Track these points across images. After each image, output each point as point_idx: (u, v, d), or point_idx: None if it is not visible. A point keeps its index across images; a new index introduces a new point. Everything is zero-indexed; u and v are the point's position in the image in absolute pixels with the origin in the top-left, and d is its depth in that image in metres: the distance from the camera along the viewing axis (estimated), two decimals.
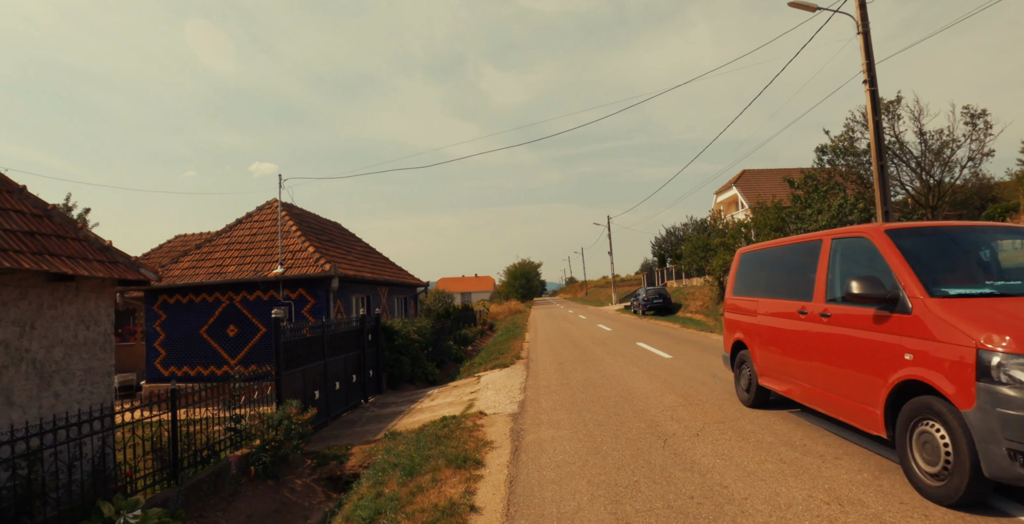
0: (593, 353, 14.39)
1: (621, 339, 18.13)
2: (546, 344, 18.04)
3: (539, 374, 11.52)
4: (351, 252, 18.94)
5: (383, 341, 13.87)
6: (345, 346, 11.77)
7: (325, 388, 10.63)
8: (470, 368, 15.18)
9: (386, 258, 22.87)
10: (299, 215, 18.05)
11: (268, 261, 14.88)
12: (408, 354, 14.86)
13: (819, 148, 18.18)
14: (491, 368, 13.70)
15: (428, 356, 17.08)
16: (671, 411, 7.12)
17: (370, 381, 13.04)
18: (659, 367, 11.15)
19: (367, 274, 16.82)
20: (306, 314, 14.34)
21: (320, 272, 13.87)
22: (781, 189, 45.03)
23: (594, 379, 10.17)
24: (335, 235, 19.82)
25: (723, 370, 10.26)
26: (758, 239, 19.52)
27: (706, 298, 30.15)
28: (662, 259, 49.58)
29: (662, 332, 20.33)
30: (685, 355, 12.89)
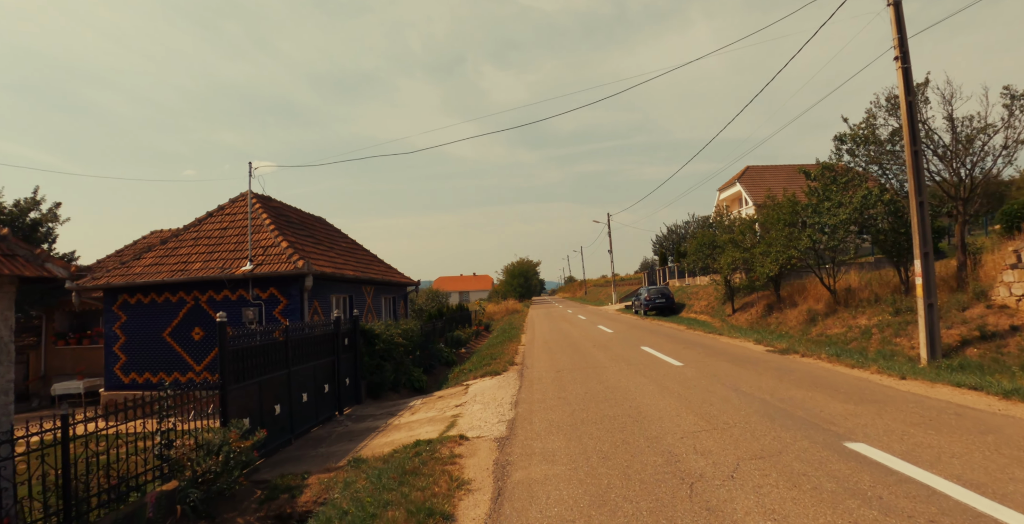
0: (594, 359, 13.06)
1: (624, 342, 16.81)
2: (543, 348, 16.72)
3: (534, 384, 10.19)
4: (333, 248, 17.60)
5: (362, 346, 12.54)
6: (316, 352, 10.44)
7: (289, 401, 9.30)
8: (459, 375, 13.87)
9: (373, 255, 21.54)
10: (277, 208, 16.70)
11: (238, 257, 13.54)
12: (391, 359, 13.54)
13: (837, 136, 16.81)
14: (481, 376, 12.38)
15: (415, 361, 15.77)
16: (693, 439, 5.79)
17: (346, 391, 11.72)
18: (670, 377, 9.81)
19: (349, 272, 15.49)
20: (278, 316, 13.00)
21: (292, 269, 12.53)
22: (786, 185, 43.77)
23: (597, 392, 8.84)
24: (317, 230, 18.48)
25: (745, 382, 8.93)
26: (770, 235, 18.20)
27: (711, 298, 28.85)
28: (663, 258, 48.28)
29: (667, 334, 19.01)
30: (697, 362, 11.56)
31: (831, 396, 7.60)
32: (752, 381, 9.02)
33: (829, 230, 16.13)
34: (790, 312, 19.35)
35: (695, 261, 24.57)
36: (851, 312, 16.10)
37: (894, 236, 15.23)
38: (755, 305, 22.69)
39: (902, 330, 13.20)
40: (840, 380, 8.99)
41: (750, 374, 9.77)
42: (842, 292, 17.77)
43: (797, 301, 19.78)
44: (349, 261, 17.55)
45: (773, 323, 19.57)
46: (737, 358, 12.05)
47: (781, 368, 10.39)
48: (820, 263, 17.58)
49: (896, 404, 6.97)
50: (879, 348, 12.85)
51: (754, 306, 22.72)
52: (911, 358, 11.45)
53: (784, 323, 18.86)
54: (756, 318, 21.28)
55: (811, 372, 9.90)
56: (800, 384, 8.62)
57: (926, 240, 11.41)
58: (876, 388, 8.19)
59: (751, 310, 22.60)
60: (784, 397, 7.62)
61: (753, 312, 22.15)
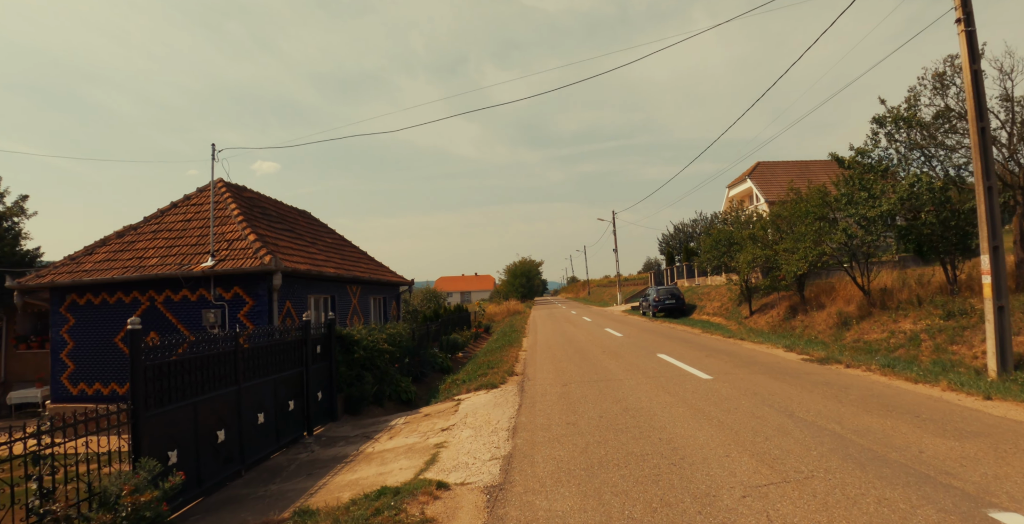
0: (605, 369, 11.39)
1: (637, 348, 15.13)
2: (546, 354, 15.05)
3: (536, 402, 8.52)
4: (316, 244, 15.95)
5: (338, 354, 10.89)
6: (278, 363, 8.79)
7: (239, 424, 7.65)
8: (451, 387, 12.20)
9: (363, 253, 19.89)
10: (251, 199, 15.06)
11: (200, 252, 11.90)
12: (374, 369, 11.88)
13: (875, 119, 15.10)
14: (476, 389, 10.72)
15: (404, 369, 14.11)
16: (761, 499, 4.11)
17: (318, 406, 10.07)
18: (700, 394, 8.13)
19: (329, 269, 13.83)
20: (243, 319, 11.35)
21: (258, 266, 10.88)
22: (799, 182, 42.08)
23: (614, 415, 7.16)
24: (299, 225, 16.84)
25: (796, 403, 7.25)
26: (797, 229, 16.50)
27: (724, 298, 27.13)
28: (671, 257, 46.57)
29: (682, 339, 17.32)
30: (727, 374, 9.88)
31: (917, 426, 5.92)
32: (805, 402, 7.34)
33: (866, 223, 14.43)
34: (817, 315, 17.65)
35: (710, 259, 22.87)
36: (890, 315, 14.40)
37: (941, 229, 13.53)
38: (776, 307, 20.98)
39: (958, 336, 11.50)
40: (911, 401, 7.30)
41: (797, 391, 8.09)
42: (876, 293, 16.07)
43: (824, 302, 18.07)
44: (333, 258, 15.90)
45: (798, 327, 17.87)
46: (772, 369, 10.37)
47: (831, 383, 8.70)
48: (852, 261, 15.90)
49: (1012, 440, 5.29)
50: (934, 357, 11.15)
51: (774, 308, 21.01)
52: (976, 370, 9.75)
53: (811, 327, 17.15)
54: (777, 321, 19.58)
55: (870, 389, 8.21)
56: (866, 407, 6.94)
57: (995, 232, 9.70)
58: (964, 413, 6.51)
59: (771, 312, 20.89)
60: (858, 427, 5.94)
61: (774, 314, 20.44)
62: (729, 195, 46.82)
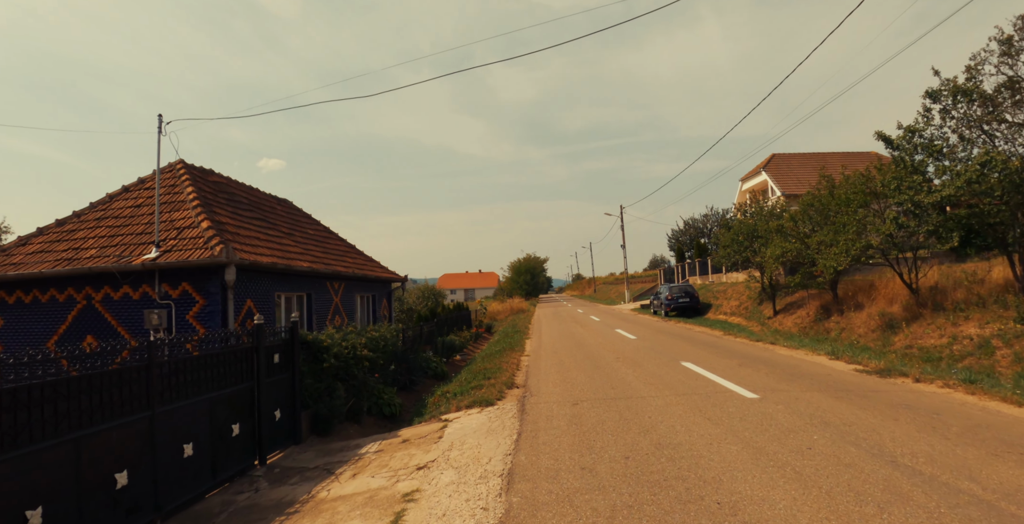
0: (623, 381, 9.57)
1: (655, 353, 13.28)
2: (552, 360, 13.23)
3: (540, 430, 6.71)
4: (293, 236, 14.17)
5: (302, 363, 9.10)
6: (215, 378, 7.01)
7: (153, 461, 5.87)
8: (440, 401, 10.39)
9: (350, 246, 18.11)
10: (217, 184, 13.27)
11: (146, 242, 10.13)
12: (350, 379, 10.11)
13: (928, 92, 13.21)
14: (468, 406, 8.91)
15: (390, 376, 12.33)
16: None
17: (276, 428, 8.29)
18: (752, 423, 6.30)
19: (302, 263, 12.03)
20: (192, 321, 9.57)
21: (207, 257, 9.09)
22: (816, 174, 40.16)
23: (644, 456, 5.34)
24: (276, 214, 15.07)
25: (888, 439, 5.39)
26: (838, 219, 14.59)
27: (742, 297, 25.23)
28: (680, 253, 44.64)
29: (705, 342, 15.47)
30: (774, 391, 8.04)
31: None
32: (898, 437, 5.50)
33: (919, 211, 12.54)
34: (854, 315, 15.76)
35: (729, 255, 20.96)
36: (947, 317, 12.52)
37: (1010, 217, 11.64)
38: (804, 306, 19.08)
39: None
40: None
41: (877, 419, 6.24)
42: (925, 291, 14.18)
43: (862, 302, 16.18)
44: (312, 251, 14.12)
45: (833, 329, 15.99)
46: (827, 384, 8.52)
47: (913, 407, 6.85)
48: (899, 254, 14.02)
49: None
50: (1016, 369, 9.30)
51: (802, 307, 19.12)
52: None
53: (849, 329, 15.27)
54: (807, 322, 17.69)
55: (967, 415, 6.36)
56: (986, 446, 5.10)
57: None
58: None
59: (799, 312, 19.00)
60: (1003, 486, 4.11)
61: (802, 315, 18.55)
62: (743, 188, 44.85)
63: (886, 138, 13.62)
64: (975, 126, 12.92)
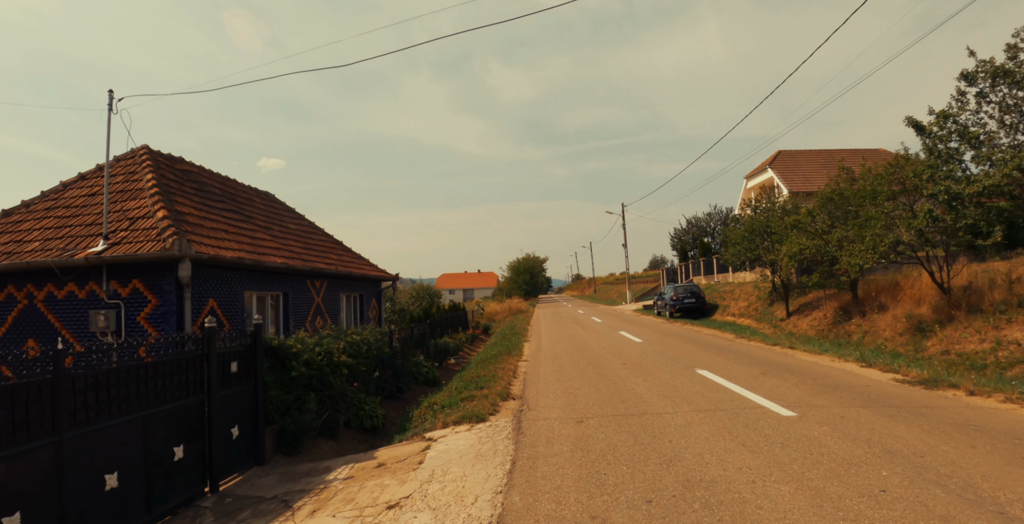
0: (633, 392, 8.43)
1: (665, 358, 12.14)
2: (552, 366, 12.09)
3: (538, 459, 5.56)
4: (269, 229, 13.02)
5: (267, 372, 7.96)
6: (151, 393, 5.87)
7: (60, 497, 4.74)
8: (427, 413, 9.23)
9: (337, 242, 16.96)
10: (184, 172, 12.11)
11: (96, 234, 8.98)
12: (324, 389, 8.97)
13: (964, 74, 12.09)
14: (456, 421, 7.76)
15: (374, 384, 11.20)
16: None
17: (233, 448, 7.16)
18: (799, 452, 5.15)
19: (275, 259, 10.88)
20: (144, 323, 8.43)
21: (157, 251, 7.94)
22: (824, 171, 39.08)
23: (671, 499, 4.20)
24: (252, 206, 13.92)
25: (979, 477, 4.24)
26: (863, 213, 13.45)
27: (751, 297, 24.11)
28: (683, 252, 43.50)
29: (716, 346, 14.34)
30: (813, 407, 6.89)
31: None
32: (992, 474, 4.36)
33: (956, 204, 11.42)
34: (878, 318, 14.62)
35: (740, 253, 19.81)
36: (987, 320, 11.39)
37: None
38: (819, 307, 17.95)
39: None
40: None
41: (951, 447, 5.11)
42: (958, 292, 13.05)
43: (885, 302, 15.04)
44: (292, 247, 12.98)
45: (855, 332, 14.86)
46: (870, 399, 7.38)
47: (987, 429, 5.71)
48: (930, 251, 12.90)
49: None
50: None
51: (818, 308, 17.99)
52: None
53: (873, 333, 14.14)
54: (825, 325, 16.55)
55: None
56: None
57: None
58: None
59: (814, 314, 17.87)
60: None
61: (818, 316, 17.42)
62: (747, 186, 43.74)
63: (917, 124, 12.49)
64: (1016, 110, 11.78)
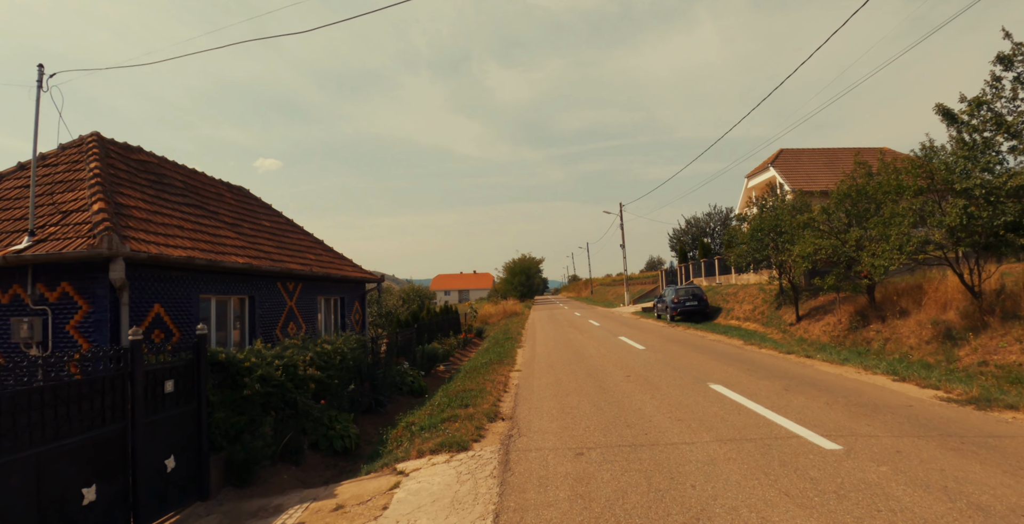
0: (643, 415, 7.28)
1: (673, 369, 11.01)
2: (548, 379, 10.95)
3: (529, 510, 4.41)
4: (238, 227, 11.85)
5: (213, 390, 6.79)
6: (47, 424, 4.71)
7: None
8: (404, 436, 8.05)
9: (317, 241, 15.79)
10: (141, 162, 10.92)
11: (24, 229, 7.80)
12: (284, 408, 7.81)
13: (1000, 57, 11.03)
14: (434, 450, 6.60)
15: (350, 398, 10.06)
16: None
17: (166, 483, 5.99)
18: (862, 507, 4.01)
19: (236, 258, 9.70)
20: (73, 332, 7.25)
21: (84, 249, 6.77)
22: (827, 170, 38.03)
23: None
24: (224, 201, 12.74)
25: None
26: (885, 210, 12.36)
27: (756, 300, 23.03)
28: (683, 253, 42.43)
29: (726, 354, 13.22)
30: (858, 436, 5.76)
31: None
32: None
33: (995, 198, 10.34)
34: (900, 324, 13.52)
35: (748, 253, 18.71)
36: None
37: None
38: (832, 312, 16.86)
39: None
40: None
41: None
42: (990, 295, 11.98)
43: (907, 307, 13.94)
44: (261, 245, 11.81)
45: (875, 339, 13.75)
46: (922, 425, 6.26)
47: None
48: (961, 252, 11.81)
49: None
50: None
51: (831, 313, 16.89)
52: None
53: (896, 340, 13.04)
54: (840, 330, 15.45)
55: None
56: None
57: None
58: None
59: (827, 319, 16.77)
60: None
61: (831, 322, 16.32)
62: (748, 185, 42.72)
63: (947, 112, 11.40)
64: None
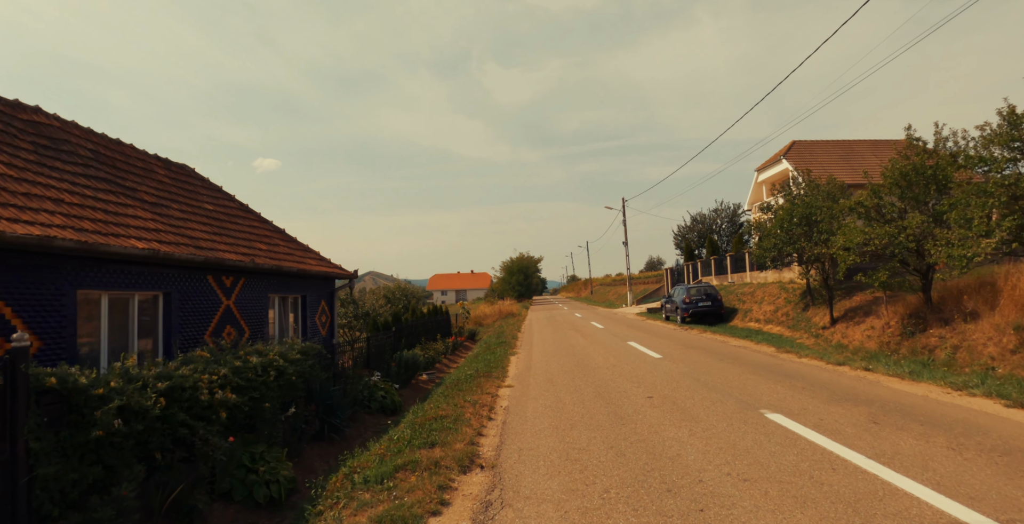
0: (685, 466, 4.97)
1: (705, 388, 8.67)
2: (546, 399, 8.63)
3: None
4: (164, 207, 9.52)
5: (37, 433, 4.45)
6: None
7: None
8: (343, 488, 5.74)
9: (277, 230, 13.45)
10: (33, 124, 8.57)
11: None
12: (172, 449, 5.48)
13: None
14: (390, 501, 4.26)
15: (285, 427, 7.75)
16: None
17: None
18: None
19: (133, 243, 7.35)
20: None
21: None
22: (843, 163, 35.83)
23: None
24: (154, 177, 10.41)
25: None
26: (964, 189, 10.06)
27: (778, 300, 20.72)
28: (689, 251, 40.14)
29: (763, 366, 10.90)
30: (980, 487, 3.46)
31: None
32: None
33: None
34: (970, 328, 11.21)
35: (773, 247, 16.39)
36: None
37: None
38: (873, 313, 14.55)
39: None
40: None
41: None
42: None
43: (977, 308, 11.63)
44: (188, 230, 9.48)
45: (939, 347, 11.43)
46: None
47: None
48: None
49: None
50: None
51: (873, 314, 14.58)
52: None
53: (969, 349, 10.73)
54: (889, 336, 13.12)
55: None
56: None
57: None
58: None
59: (869, 321, 14.45)
60: None
61: (875, 325, 13.99)
62: (759, 179, 40.42)
63: None
64: None
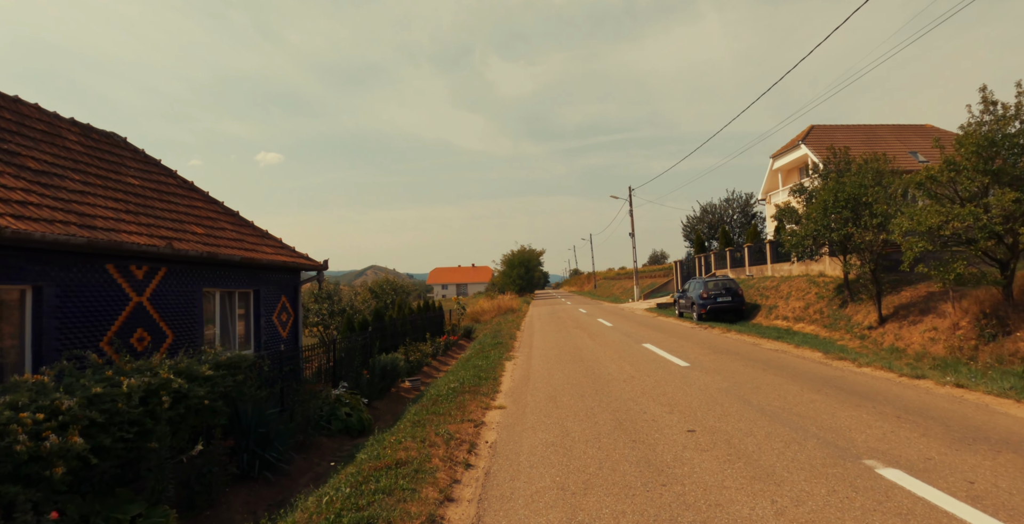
0: None
1: (770, 419, 6.50)
2: (549, 433, 6.51)
3: None
4: (50, 177, 7.39)
5: None
6: None
7: None
8: None
9: (229, 212, 11.30)
10: None
11: None
12: None
13: None
14: None
15: (188, 473, 5.64)
16: None
17: None
18: None
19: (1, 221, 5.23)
20: None
21: None
22: (867, 147, 33.55)
23: None
24: (53, 145, 8.28)
25: None
26: None
27: (808, 296, 18.53)
28: (700, 243, 37.98)
29: (822, 379, 8.73)
30: None
31: None
32: None
33: None
34: None
35: (819, 231, 14.16)
36: None
37: None
38: (936, 311, 12.37)
39: None
40: None
41: None
42: None
43: None
44: (79, 207, 7.34)
45: None
46: None
47: None
48: None
49: None
50: None
51: (931, 312, 12.41)
52: None
53: None
54: (963, 340, 10.93)
55: None
56: None
57: None
58: None
59: (928, 320, 12.28)
60: None
61: (938, 326, 11.82)
62: (774, 167, 38.20)
63: None
64: None
